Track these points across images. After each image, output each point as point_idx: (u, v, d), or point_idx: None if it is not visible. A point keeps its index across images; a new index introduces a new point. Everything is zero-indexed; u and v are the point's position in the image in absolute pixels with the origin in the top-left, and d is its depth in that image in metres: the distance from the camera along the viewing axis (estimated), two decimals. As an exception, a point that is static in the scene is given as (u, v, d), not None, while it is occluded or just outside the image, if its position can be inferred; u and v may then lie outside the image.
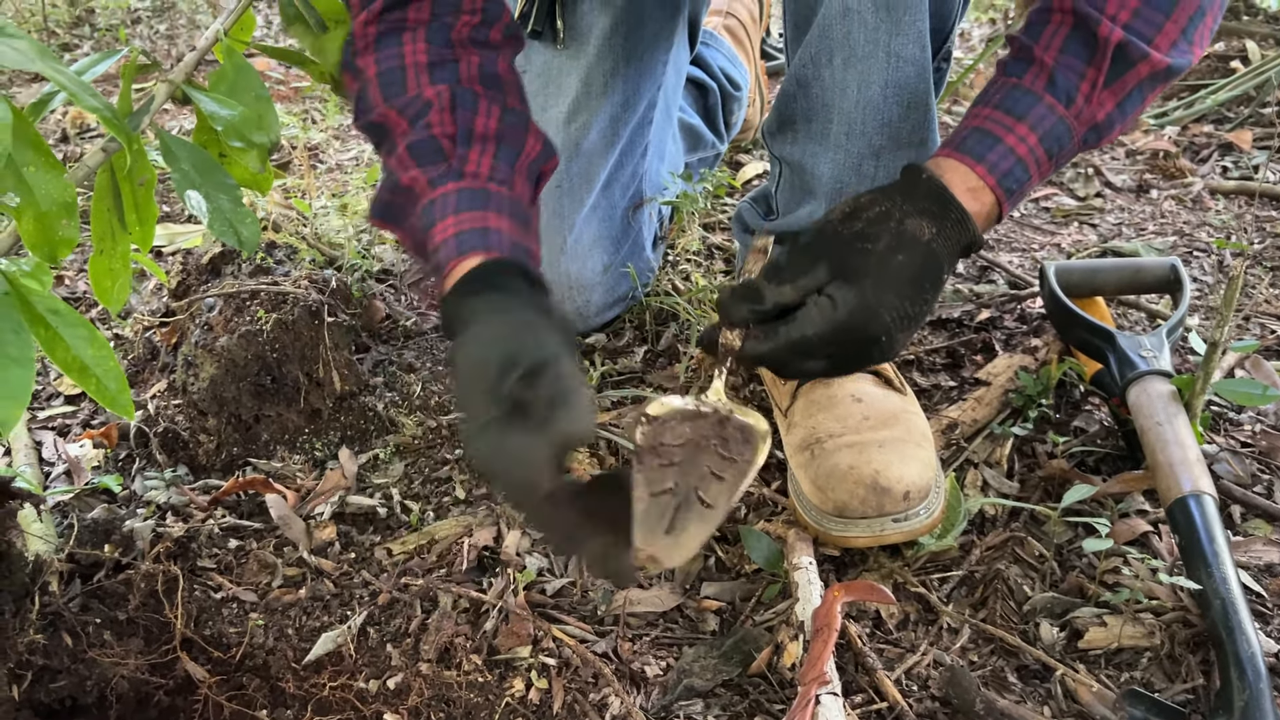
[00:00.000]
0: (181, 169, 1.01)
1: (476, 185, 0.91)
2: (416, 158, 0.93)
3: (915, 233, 0.86)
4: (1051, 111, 0.91)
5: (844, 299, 0.84)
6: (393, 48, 0.96)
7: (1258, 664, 0.89)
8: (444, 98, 0.94)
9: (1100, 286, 1.37)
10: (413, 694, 0.97)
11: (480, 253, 0.87)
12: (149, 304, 1.56)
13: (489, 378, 0.75)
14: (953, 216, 0.88)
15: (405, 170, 0.94)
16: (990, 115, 0.92)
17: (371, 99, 0.97)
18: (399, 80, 0.96)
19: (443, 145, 0.93)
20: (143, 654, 1.00)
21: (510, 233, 0.90)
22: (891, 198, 0.89)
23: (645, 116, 1.47)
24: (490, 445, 0.74)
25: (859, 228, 0.87)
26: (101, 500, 1.22)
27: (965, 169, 0.91)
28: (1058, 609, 1.02)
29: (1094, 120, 0.93)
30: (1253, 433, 1.23)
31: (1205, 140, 1.97)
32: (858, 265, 0.85)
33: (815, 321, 0.85)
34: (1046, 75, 0.91)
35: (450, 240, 0.88)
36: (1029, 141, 0.91)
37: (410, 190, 0.94)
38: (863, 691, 0.96)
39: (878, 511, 1.05)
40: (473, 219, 0.89)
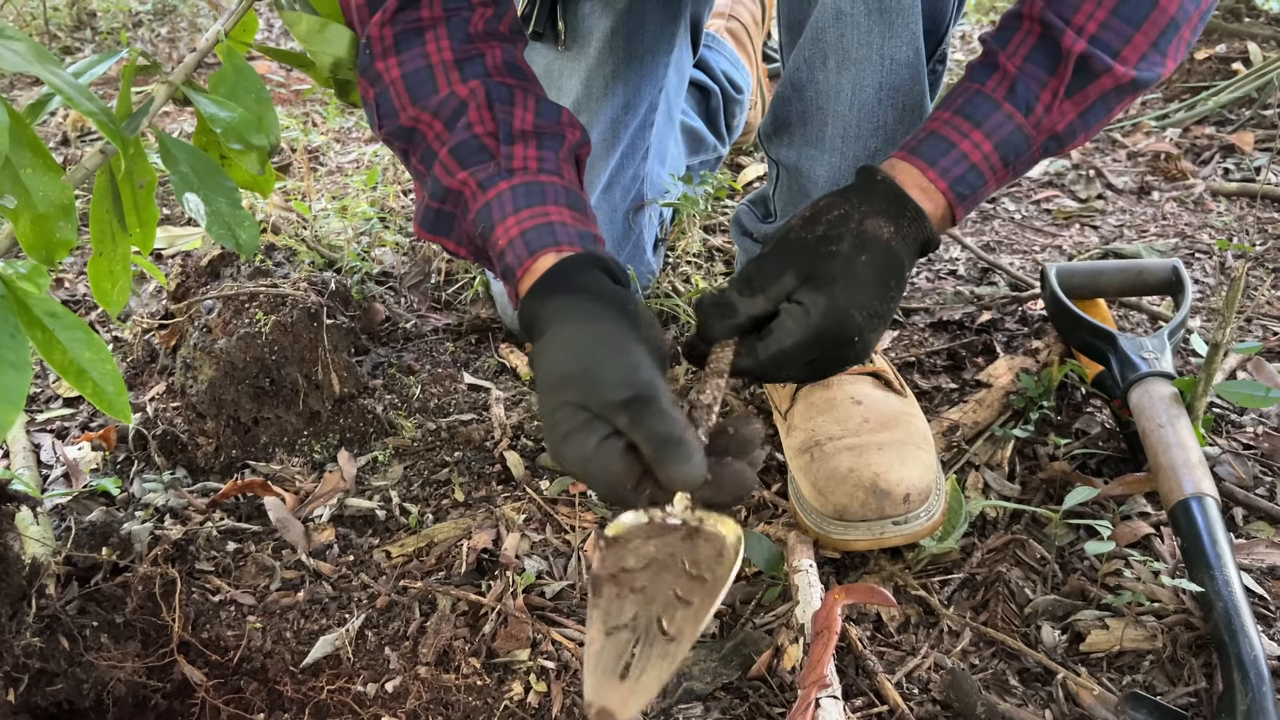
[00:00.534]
0: (180, 171, 1.01)
1: (530, 180, 0.91)
2: (461, 160, 0.93)
3: (875, 232, 0.87)
4: (1009, 120, 0.91)
5: (815, 304, 0.84)
6: (416, 47, 0.94)
7: (1260, 667, 0.88)
8: (479, 94, 0.93)
9: (1102, 288, 1.37)
10: (411, 697, 0.96)
11: (551, 249, 0.88)
12: (148, 306, 1.56)
13: (579, 394, 0.75)
14: (909, 215, 0.89)
15: (452, 175, 0.93)
16: (949, 120, 0.92)
17: (396, 103, 0.95)
18: (428, 80, 0.94)
19: (487, 144, 0.93)
20: (140, 657, 0.99)
21: (574, 223, 0.90)
22: (849, 199, 0.89)
23: (646, 119, 1.47)
24: (580, 454, 0.74)
25: (821, 231, 0.87)
26: (100, 503, 1.22)
27: (917, 173, 0.91)
28: (1059, 612, 1.02)
29: (1054, 130, 0.93)
30: (1255, 435, 1.22)
31: (1207, 142, 1.96)
32: (824, 269, 0.85)
33: (792, 331, 0.85)
34: (1008, 83, 0.91)
35: (517, 240, 0.88)
36: (984, 148, 0.91)
37: (460, 195, 0.93)
38: (863, 695, 0.95)
39: (878, 514, 1.04)
40: (534, 215, 0.89)
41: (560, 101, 1.39)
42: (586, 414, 0.74)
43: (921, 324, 1.47)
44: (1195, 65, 2.22)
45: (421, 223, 0.98)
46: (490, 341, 1.49)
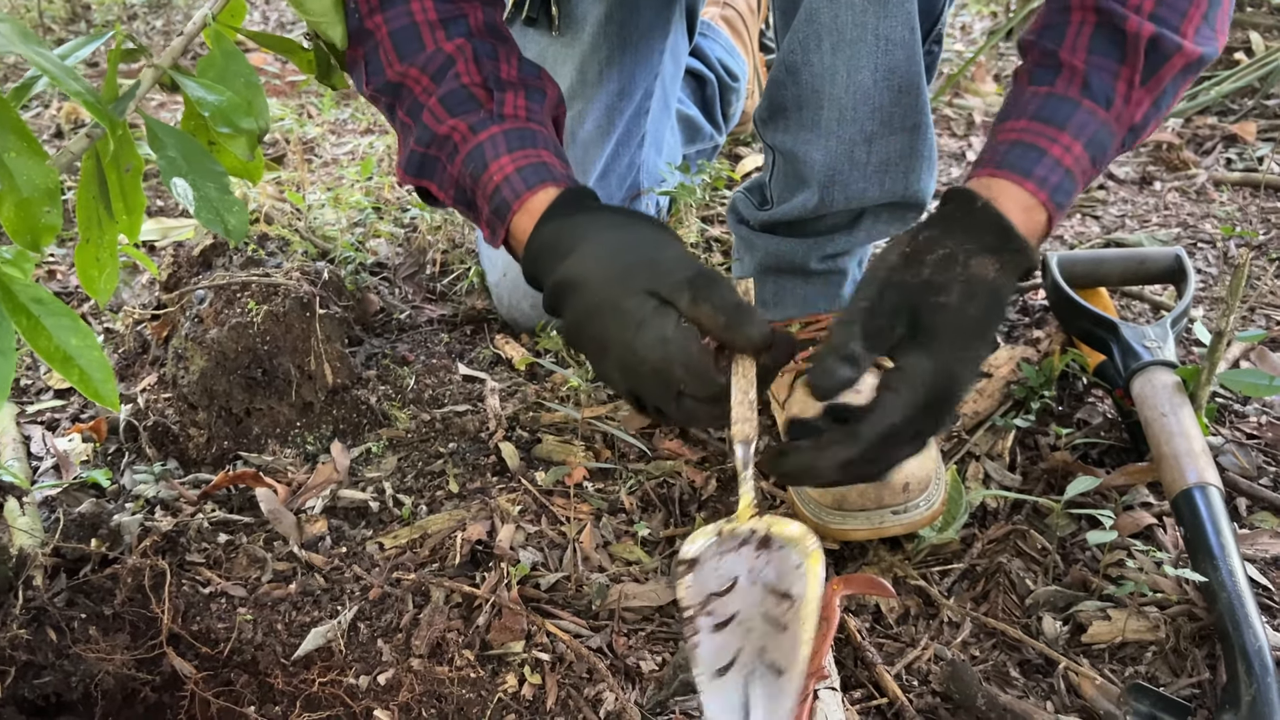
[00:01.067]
0: (168, 156, 0.99)
1: (520, 125, 0.94)
2: (451, 108, 0.96)
3: (981, 274, 0.80)
4: (1093, 117, 0.86)
5: (920, 366, 0.77)
6: (400, 6, 0.97)
7: (1265, 658, 0.87)
8: (466, 50, 0.96)
9: (1104, 277, 1.35)
10: (403, 690, 0.95)
11: (550, 184, 0.90)
12: (140, 297, 1.55)
13: (643, 280, 0.79)
14: (1013, 247, 0.82)
15: (441, 121, 0.95)
16: (1028, 127, 0.87)
17: (384, 59, 0.98)
18: (415, 37, 0.97)
19: (476, 94, 0.96)
20: (129, 649, 0.98)
21: (564, 169, 0.93)
22: (952, 234, 0.82)
23: (642, 106, 1.45)
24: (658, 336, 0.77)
25: (926, 275, 0.80)
26: (90, 494, 1.20)
27: (1015, 188, 0.85)
28: (1060, 602, 1.01)
29: (1132, 121, 0.88)
30: (1259, 424, 1.21)
31: (1209, 132, 1.95)
32: (931, 324, 0.79)
33: (898, 408, 0.77)
34: (1080, 79, 0.86)
35: (513, 176, 0.91)
36: (1074, 151, 0.86)
37: (448, 139, 0.95)
38: (862, 686, 0.94)
39: (876, 504, 1.03)
40: (527, 155, 0.92)
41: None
42: (656, 300, 0.78)
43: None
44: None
45: (406, 167, 1.00)
46: (485, 333, 1.48)
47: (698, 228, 1.60)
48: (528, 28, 1.38)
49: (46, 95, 2.53)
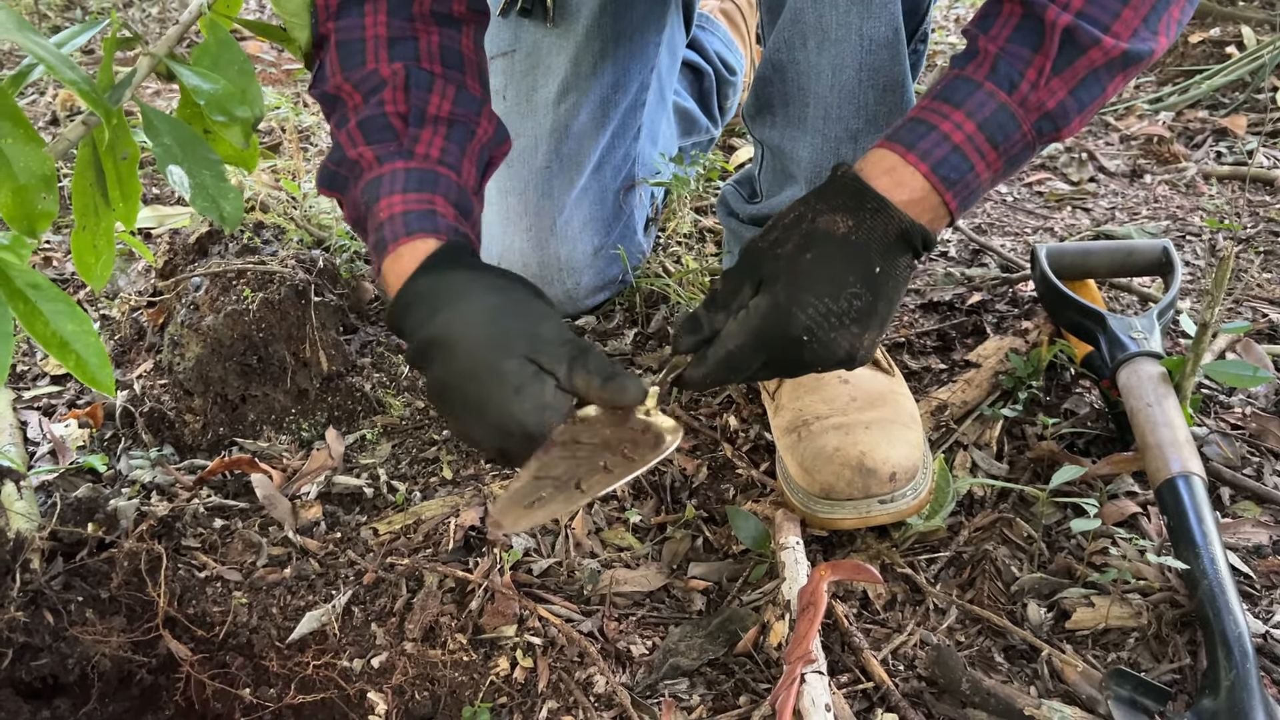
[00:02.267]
0: (163, 143, 1.00)
1: (425, 166, 0.92)
2: (366, 134, 0.93)
3: (828, 229, 0.85)
4: (991, 98, 0.87)
5: (757, 306, 0.84)
6: (354, 18, 0.95)
7: (1245, 644, 0.88)
8: (399, 76, 0.93)
9: (1092, 269, 1.36)
10: (397, 673, 0.96)
11: (430, 235, 0.88)
12: (136, 285, 1.55)
13: (523, 346, 0.80)
14: (869, 206, 0.85)
15: (354, 145, 0.94)
16: (928, 105, 0.89)
17: (329, 68, 0.96)
18: (358, 53, 0.95)
19: (394, 124, 0.93)
20: (125, 632, 0.99)
21: (455, 221, 0.90)
22: (807, 201, 0.88)
23: (638, 98, 1.46)
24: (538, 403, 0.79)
25: (774, 236, 0.87)
26: (86, 480, 1.21)
27: (892, 155, 0.88)
28: (1045, 589, 1.02)
29: (1044, 108, 0.88)
30: (1243, 415, 1.22)
31: (1199, 125, 1.96)
32: (769, 271, 0.85)
33: (735, 335, 0.85)
34: (989, 63, 0.88)
35: (397, 218, 0.89)
36: (966, 128, 0.87)
37: (356, 164, 0.93)
38: (849, 671, 0.95)
39: (864, 493, 1.04)
40: (420, 200, 0.90)
41: (549, 80, 1.39)
42: (534, 366, 0.80)
43: (911, 305, 1.46)
44: (1189, 49, 2.21)
45: (319, 179, 0.99)
46: (479, 321, 1.49)
47: (691, 219, 1.61)
48: (522, 19, 1.38)
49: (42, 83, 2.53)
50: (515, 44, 1.39)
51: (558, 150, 1.40)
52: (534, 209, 1.42)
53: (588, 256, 1.43)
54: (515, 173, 1.41)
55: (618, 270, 1.47)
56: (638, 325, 1.45)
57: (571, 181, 1.42)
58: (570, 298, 1.45)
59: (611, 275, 1.47)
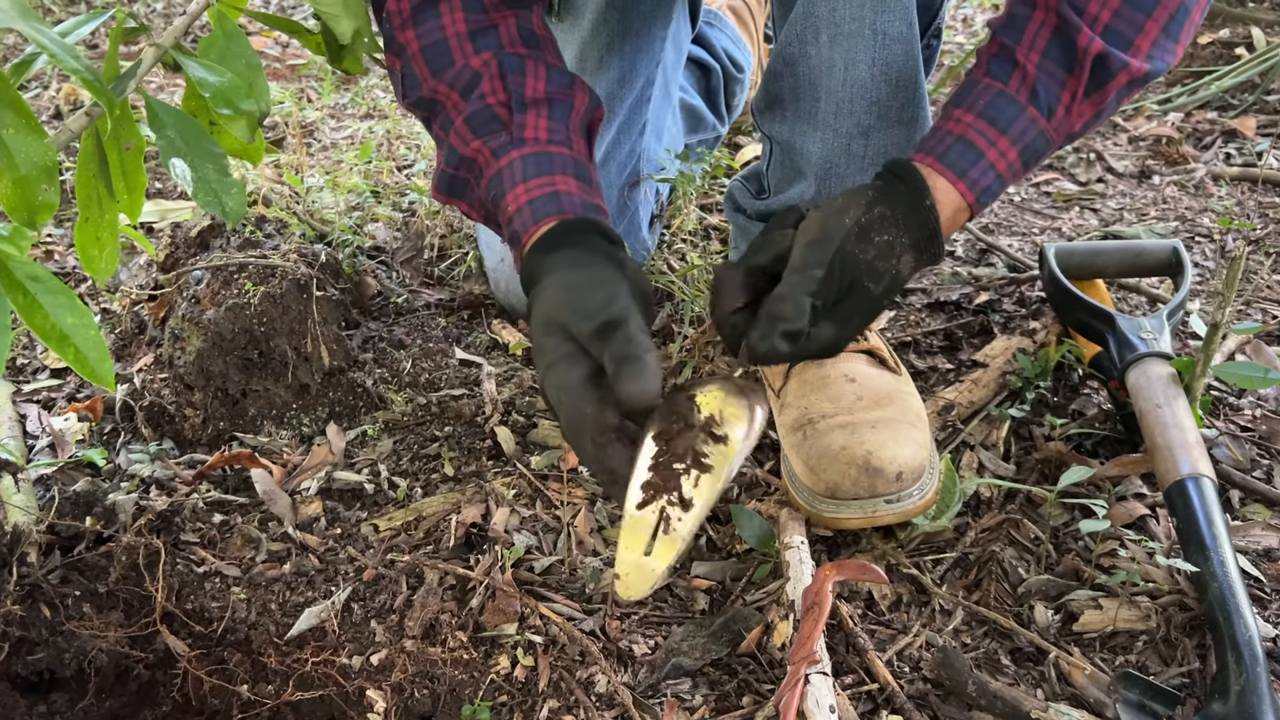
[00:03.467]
0: (167, 136, 0.99)
1: (539, 150, 0.94)
2: (475, 129, 0.96)
3: (904, 272, 0.89)
4: (1034, 124, 0.91)
5: (821, 334, 0.86)
6: (432, 20, 0.97)
7: (1255, 648, 0.87)
8: (492, 66, 0.96)
9: (1101, 269, 1.35)
10: (396, 670, 0.95)
11: (555, 216, 0.90)
12: (138, 278, 1.55)
13: (563, 321, 0.79)
14: (933, 251, 0.90)
15: (467, 143, 0.96)
16: (974, 124, 0.91)
17: (418, 74, 0.98)
18: (445, 52, 0.97)
19: (499, 114, 0.95)
20: (122, 627, 0.98)
21: (580, 193, 0.93)
22: (897, 223, 0.88)
23: (643, 94, 1.45)
24: (557, 383, 0.78)
25: (870, 257, 0.86)
26: (85, 473, 1.20)
27: (952, 190, 0.91)
28: (1053, 591, 1.01)
29: (1071, 130, 0.93)
30: (1253, 417, 1.21)
31: (1209, 127, 1.95)
32: (853, 306, 0.87)
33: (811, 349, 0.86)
34: (1029, 85, 0.90)
35: (525, 208, 0.91)
36: (1009, 157, 0.91)
37: (474, 162, 0.96)
38: (853, 672, 0.94)
39: (870, 493, 1.03)
40: (542, 185, 0.92)
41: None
42: (572, 344, 0.78)
43: (918, 304, 1.45)
44: (1198, 50, 2.20)
45: (437, 186, 1.01)
46: (483, 317, 1.48)
47: (697, 215, 1.60)
48: (528, 12, 1.37)
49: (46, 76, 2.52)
50: (521, 38, 1.38)
51: (563, 145, 1.39)
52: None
53: (592, 253, 1.42)
54: (520, 168, 1.41)
55: (622, 267, 1.46)
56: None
57: (576, 178, 1.41)
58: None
59: (616, 272, 1.46)
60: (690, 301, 1.39)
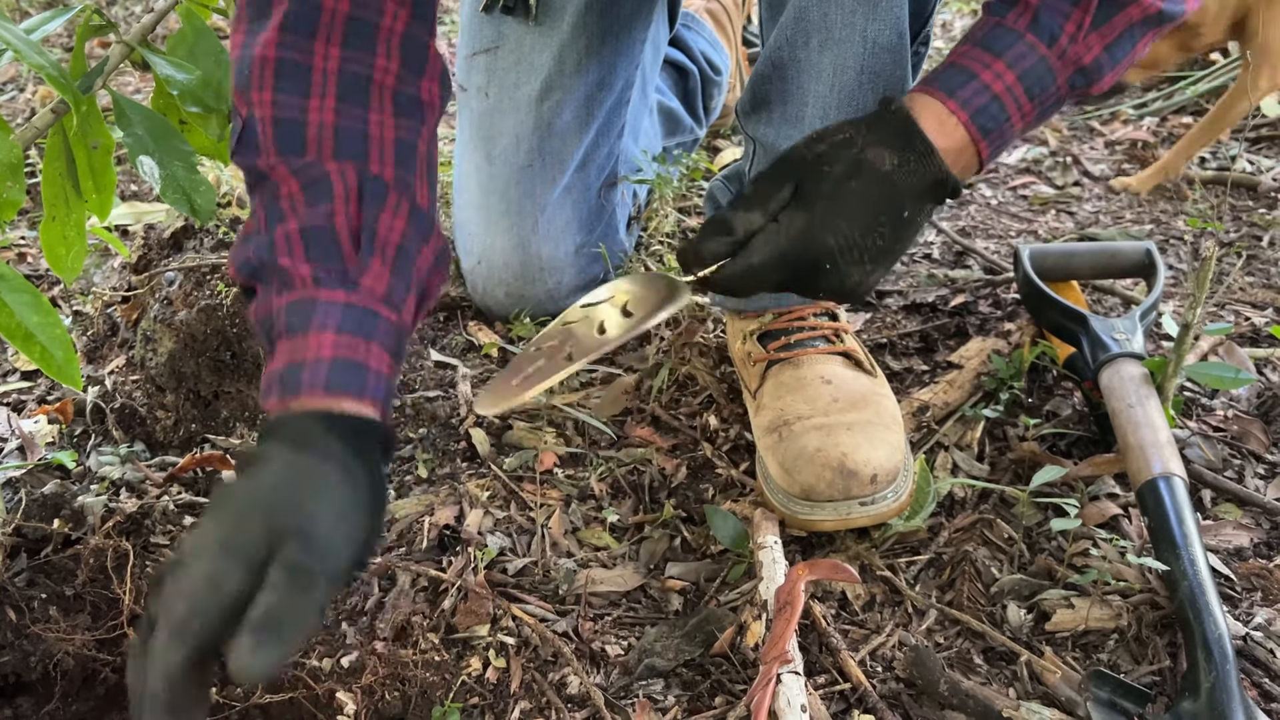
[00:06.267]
0: (135, 133, 0.99)
1: (368, 304, 0.78)
2: (308, 248, 0.78)
3: (875, 161, 0.84)
4: (1032, 50, 0.88)
5: (791, 223, 0.83)
6: (296, 94, 0.81)
7: (1225, 646, 0.88)
8: (350, 183, 0.80)
9: (1075, 270, 1.36)
10: (367, 672, 0.94)
11: (351, 398, 0.75)
12: (111, 281, 1.53)
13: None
14: (917, 149, 0.85)
15: (289, 255, 0.78)
16: (967, 52, 0.89)
17: (261, 141, 0.81)
18: (297, 136, 0.81)
19: (343, 246, 0.79)
20: (90, 630, 0.97)
21: (388, 372, 0.79)
22: (857, 125, 0.86)
23: (622, 96, 1.45)
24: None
25: (821, 149, 0.85)
26: (55, 476, 1.19)
27: (935, 103, 0.88)
28: (1025, 591, 1.01)
29: (1080, 62, 0.89)
30: (1225, 417, 1.21)
31: (1184, 131, 1.96)
32: (811, 189, 0.83)
33: (762, 249, 0.83)
34: (1030, 14, 0.88)
35: (324, 364, 0.75)
36: (1006, 79, 0.87)
37: (288, 277, 0.78)
38: (826, 672, 0.94)
39: (844, 495, 1.03)
40: (354, 347, 0.77)
41: (532, 77, 1.38)
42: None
43: (894, 306, 1.46)
44: (1174, 56, 2.21)
45: (235, 261, 0.82)
46: (459, 319, 1.47)
47: (674, 218, 1.60)
48: (505, 15, 1.37)
49: (22, 78, 2.51)
50: (499, 40, 1.38)
51: (540, 148, 1.39)
52: (516, 208, 1.40)
53: (570, 255, 1.42)
54: (497, 171, 1.40)
55: (599, 269, 1.46)
56: (619, 325, 1.44)
57: (554, 180, 1.40)
58: (551, 297, 1.43)
59: (593, 274, 1.45)
60: (667, 303, 1.38)
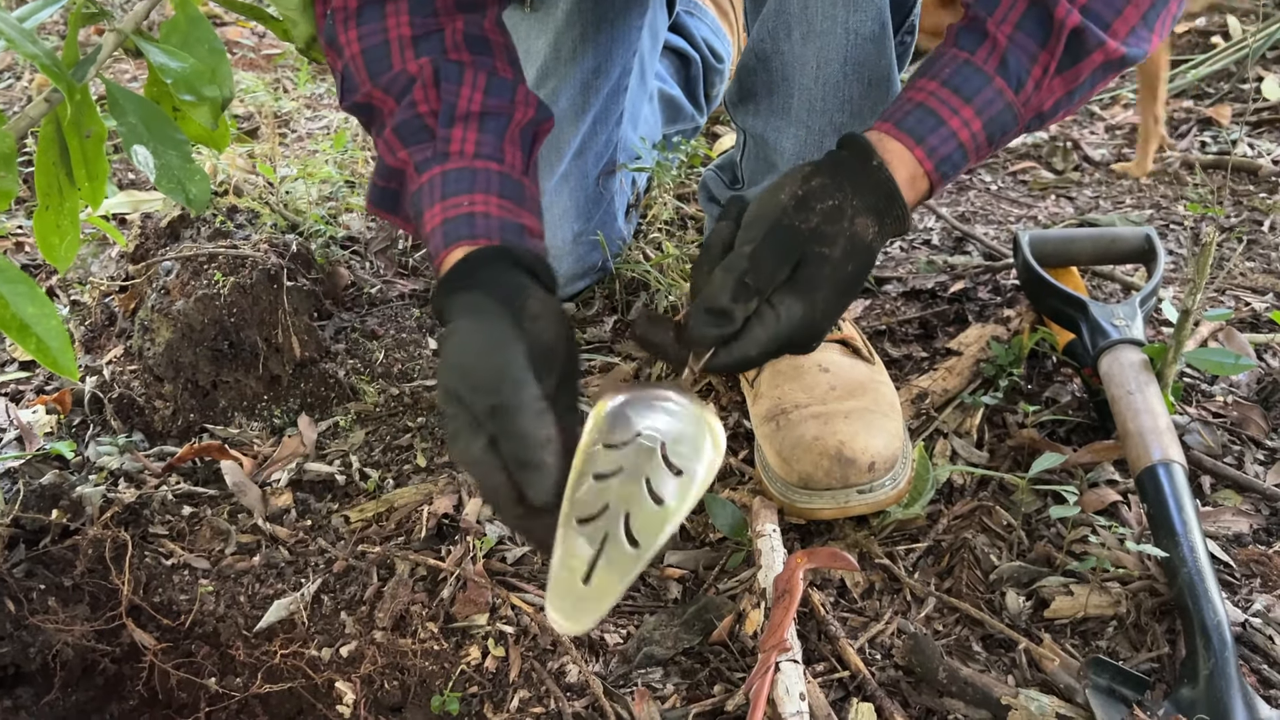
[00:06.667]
0: (129, 122, 0.98)
1: (462, 164, 0.88)
2: (403, 138, 0.91)
3: (863, 234, 0.82)
4: (1000, 96, 0.86)
5: (791, 312, 0.79)
6: (375, 21, 0.92)
7: (1224, 632, 0.87)
8: (426, 72, 0.91)
9: (1075, 256, 1.35)
10: (366, 662, 0.95)
11: (466, 242, 0.84)
12: (108, 270, 1.53)
13: (456, 391, 0.73)
14: (895, 213, 0.84)
15: (393, 153, 0.91)
16: (936, 91, 0.87)
17: (357, 78, 0.94)
18: (384, 56, 0.92)
19: (428, 124, 0.90)
20: (88, 620, 0.97)
21: (499, 213, 0.87)
22: (842, 188, 0.82)
23: (619, 83, 1.44)
24: (462, 454, 0.73)
25: (815, 224, 0.80)
26: (54, 467, 1.19)
27: (907, 154, 0.85)
28: (1024, 578, 1.01)
29: (1040, 108, 0.88)
30: (1224, 404, 1.21)
31: (1184, 115, 1.95)
32: (812, 276, 0.80)
33: (761, 340, 0.79)
34: (999, 56, 0.86)
35: (438, 230, 0.86)
36: (972, 127, 0.86)
37: (401, 174, 0.92)
38: (825, 660, 0.94)
39: (842, 483, 1.03)
40: (457, 204, 0.86)
41: (528, 64, 1.37)
42: (468, 414, 0.72)
43: (894, 293, 1.45)
44: (1175, 39, 2.20)
45: (370, 198, 0.97)
46: (457, 307, 1.47)
47: (673, 205, 1.60)
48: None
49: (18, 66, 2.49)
50: (494, 27, 1.37)
51: (536, 136, 1.38)
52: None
53: (568, 243, 1.42)
54: (494, 158, 1.40)
55: (598, 257, 1.45)
56: (617, 312, 1.44)
57: (552, 168, 1.40)
58: (549, 285, 1.43)
59: (591, 262, 1.45)
60: (666, 291, 1.38)
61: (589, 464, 0.71)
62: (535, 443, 0.70)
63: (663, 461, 0.72)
